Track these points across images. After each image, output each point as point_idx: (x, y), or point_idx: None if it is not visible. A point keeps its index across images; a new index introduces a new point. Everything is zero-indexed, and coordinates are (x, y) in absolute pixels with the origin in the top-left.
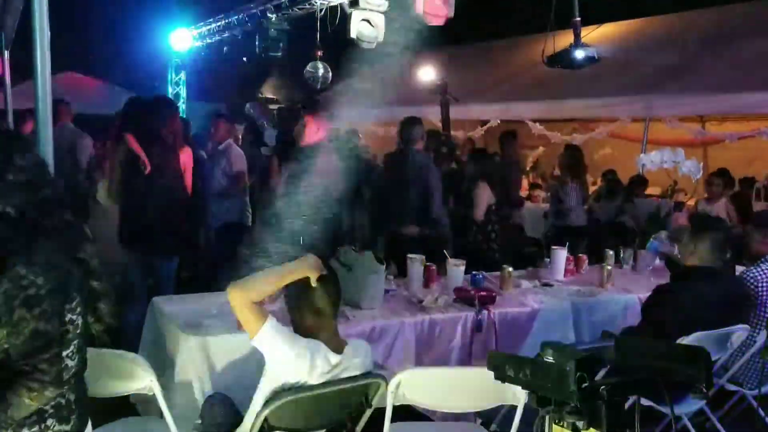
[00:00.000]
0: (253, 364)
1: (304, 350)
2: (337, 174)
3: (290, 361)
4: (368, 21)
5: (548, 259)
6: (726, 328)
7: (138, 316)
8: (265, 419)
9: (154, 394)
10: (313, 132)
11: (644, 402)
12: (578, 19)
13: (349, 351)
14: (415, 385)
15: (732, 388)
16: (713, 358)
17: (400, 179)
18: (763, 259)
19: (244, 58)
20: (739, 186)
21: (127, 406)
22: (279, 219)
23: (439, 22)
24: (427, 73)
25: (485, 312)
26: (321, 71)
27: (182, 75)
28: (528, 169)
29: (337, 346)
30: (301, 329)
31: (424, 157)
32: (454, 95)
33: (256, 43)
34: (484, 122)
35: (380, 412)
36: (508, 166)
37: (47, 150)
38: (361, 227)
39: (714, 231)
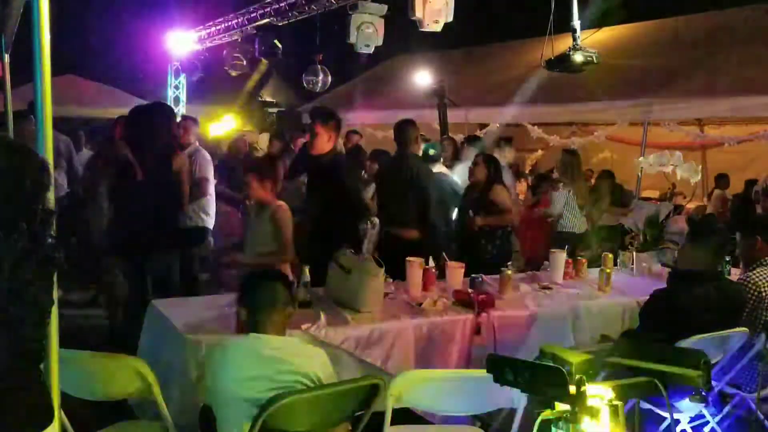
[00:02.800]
0: None
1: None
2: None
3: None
4: (367, 25)
5: (547, 262)
6: (724, 331)
7: (132, 318)
8: (264, 422)
9: (153, 397)
10: (324, 141)
11: (643, 405)
12: (577, 22)
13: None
14: (414, 387)
15: (731, 391)
16: (712, 361)
17: (397, 182)
18: (759, 263)
19: (244, 62)
20: (744, 188)
21: (126, 410)
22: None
23: (437, 26)
24: (425, 77)
25: (484, 315)
26: (320, 75)
27: (182, 78)
28: (527, 172)
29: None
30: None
31: (419, 160)
32: (452, 99)
33: (256, 46)
34: (482, 125)
35: (379, 415)
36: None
37: (47, 153)
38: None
39: (713, 236)
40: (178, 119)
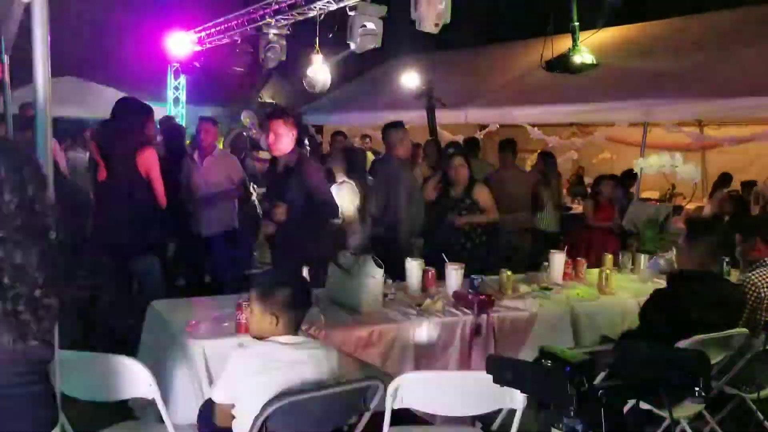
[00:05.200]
0: None
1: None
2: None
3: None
4: (367, 26)
5: (547, 263)
6: (724, 332)
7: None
8: (263, 423)
9: (152, 399)
10: (289, 141)
11: (643, 405)
12: (577, 23)
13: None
14: (414, 389)
15: (731, 391)
16: (712, 362)
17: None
18: (758, 263)
19: (244, 62)
20: (740, 189)
21: (125, 411)
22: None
23: (436, 26)
24: (414, 78)
25: (484, 316)
26: (320, 76)
27: (182, 79)
28: None
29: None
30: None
31: (393, 161)
32: (440, 99)
33: (256, 47)
34: (482, 127)
35: (379, 415)
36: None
37: (46, 154)
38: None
39: (709, 235)
40: (182, 121)
